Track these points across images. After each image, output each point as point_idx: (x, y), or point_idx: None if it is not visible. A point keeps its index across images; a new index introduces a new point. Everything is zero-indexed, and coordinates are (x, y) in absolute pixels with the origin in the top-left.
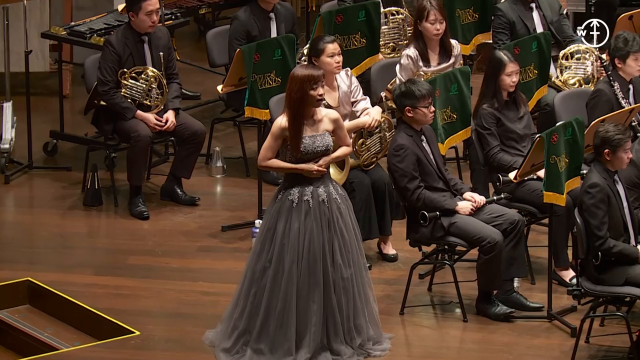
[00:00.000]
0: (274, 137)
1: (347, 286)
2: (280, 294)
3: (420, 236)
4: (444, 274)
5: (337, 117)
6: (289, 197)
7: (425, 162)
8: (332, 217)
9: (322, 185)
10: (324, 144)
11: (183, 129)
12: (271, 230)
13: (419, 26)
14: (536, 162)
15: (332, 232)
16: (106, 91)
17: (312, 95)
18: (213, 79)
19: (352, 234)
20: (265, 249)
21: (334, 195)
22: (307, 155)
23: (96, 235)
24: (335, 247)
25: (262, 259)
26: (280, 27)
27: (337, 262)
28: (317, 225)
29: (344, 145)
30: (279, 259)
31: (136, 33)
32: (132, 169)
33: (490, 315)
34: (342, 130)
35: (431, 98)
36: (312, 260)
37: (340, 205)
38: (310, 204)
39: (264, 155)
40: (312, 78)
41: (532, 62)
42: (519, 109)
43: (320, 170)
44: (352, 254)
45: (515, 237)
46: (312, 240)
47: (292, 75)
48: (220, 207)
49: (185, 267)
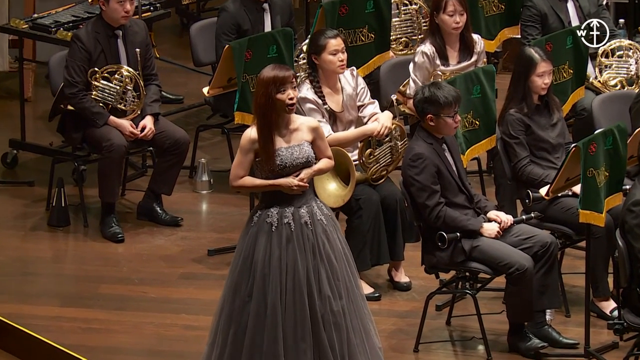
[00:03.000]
0: (243, 151)
1: (339, 321)
2: (265, 333)
3: (437, 261)
4: (464, 305)
5: (316, 126)
6: (267, 219)
7: (446, 174)
8: (317, 242)
9: (305, 204)
10: (303, 155)
11: (163, 137)
12: (249, 259)
13: (435, 18)
14: (571, 175)
15: (318, 259)
16: (74, 94)
17: (279, 99)
18: (198, 80)
19: (341, 260)
20: (244, 281)
21: (318, 216)
22: (285, 170)
23: (63, 260)
24: (322, 277)
25: (240, 292)
26: (276, 20)
27: (325, 294)
28: (301, 252)
29: (324, 157)
30: (261, 293)
31: (108, 26)
32: (104, 183)
33: (521, 351)
34: (323, 141)
35: (458, 106)
36: (298, 292)
37: (326, 227)
38: (292, 227)
39: (235, 173)
40: (278, 80)
41: (566, 61)
42: (551, 115)
43: (301, 186)
44: (344, 283)
45: (547, 262)
46: (296, 269)
47: (258, 77)
48: (206, 228)
49: (165, 297)
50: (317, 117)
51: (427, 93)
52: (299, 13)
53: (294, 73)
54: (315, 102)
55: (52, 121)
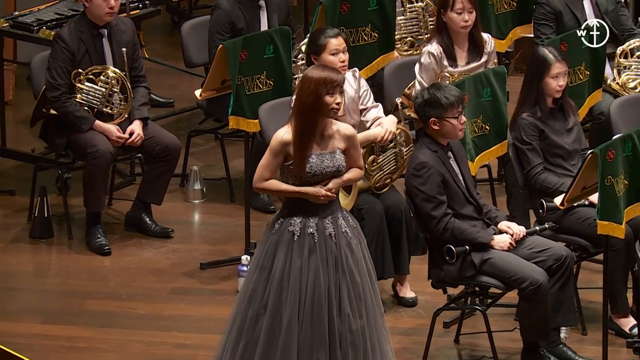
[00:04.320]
0: (274, 153)
1: (357, 341)
2: (279, 349)
3: (445, 275)
4: (474, 322)
5: (352, 134)
6: (289, 227)
7: (452, 183)
8: (340, 256)
9: (330, 215)
10: (334, 165)
11: (152, 143)
12: (266, 269)
13: (443, 17)
14: (588, 184)
15: (340, 274)
16: (57, 97)
17: (327, 102)
18: (189, 82)
19: (365, 277)
20: (259, 292)
21: (343, 228)
22: (313, 178)
23: (45, 274)
24: (343, 293)
25: (254, 303)
26: (272, 18)
27: (345, 312)
28: (323, 264)
29: (355, 167)
30: (277, 306)
31: (93, 25)
32: (90, 192)
33: None
34: (357, 150)
35: (461, 106)
36: (317, 308)
37: (351, 241)
38: (315, 238)
39: (261, 174)
40: (330, 81)
41: (583, 61)
42: (567, 119)
43: (329, 196)
44: (365, 301)
45: (562, 276)
46: (317, 283)
47: (306, 76)
48: (199, 240)
49: (155, 313)
50: None
51: (427, 96)
52: (298, 11)
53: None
54: None
55: (34, 126)
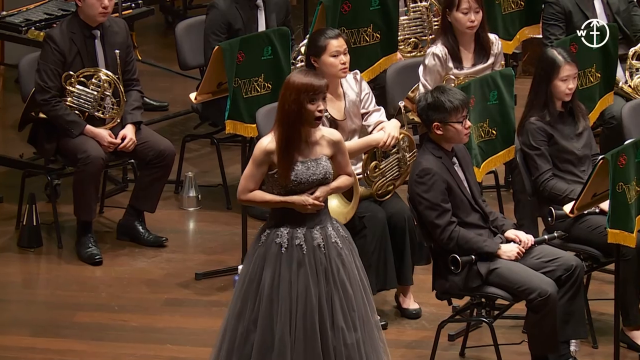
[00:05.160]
0: (257, 162)
1: (352, 355)
2: None
3: (450, 286)
4: (480, 335)
5: (338, 140)
6: (276, 239)
7: (457, 190)
8: (330, 267)
9: (318, 225)
10: (321, 172)
11: (146, 148)
12: (254, 283)
13: (448, 17)
14: (599, 191)
15: (332, 286)
16: (47, 100)
17: (309, 110)
18: (184, 85)
19: (357, 288)
20: (249, 307)
21: (333, 238)
22: (299, 186)
23: (34, 285)
24: (335, 306)
25: (244, 319)
26: (271, 18)
27: (339, 325)
28: (313, 277)
29: (344, 174)
30: (267, 321)
31: (85, 26)
32: (81, 200)
33: None
34: (344, 156)
35: (466, 110)
36: (310, 322)
37: (341, 251)
38: (304, 250)
39: (245, 186)
40: (312, 88)
41: (593, 64)
42: (576, 123)
43: (316, 205)
44: (359, 314)
45: (572, 287)
46: (308, 296)
47: (288, 82)
48: (194, 249)
49: (148, 325)
50: None
51: (430, 99)
52: (297, 10)
53: (327, 83)
54: None
55: (22, 131)
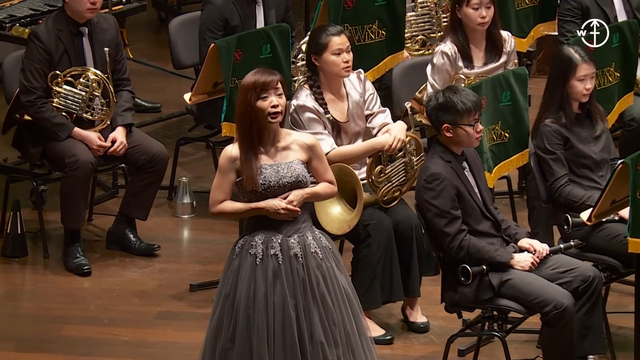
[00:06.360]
0: (223, 171)
1: None
2: None
3: (460, 298)
4: (491, 350)
5: (312, 144)
6: (251, 250)
7: (467, 197)
8: (308, 279)
9: (296, 233)
10: (292, 174)
11: (137, 152)
12: (230, 298)
13: (457, 13)
14: (618, 197)
15: (310, 298)
16: (32, 101)
17: (259, 107)
18: (178, 85)
19: (339, 301)
20: (225, 324)
21: (312, 248)
22: (270, 190)
23: (19, 297)
24: (314, 319)
25: (221, 337)
26: (269, 14)
27: (317, 340)
28: (290, 289)
29: (323, 181)
30: (245, 338)
31: (72, 22)
32: (68, 207)
33: None
34: (322, 162)
35: (479, 113)
36: (289, 336)
37: (322, 262)
38: (280, 260)
39: (214, 197)
40: (258, 85)
41: (612, 62)
42: (594, 126)
43: (290, 209)
44: (341, 329)
45: (589, 299)
46: (285, 309)
47: (240, 84)
48: (188, 259)
49: (139, 340)
50: (317, 128)
51: (442, 99)
52: (297, 6)
53: (280, 78)
54: (316, 110)
55: (6, 133)
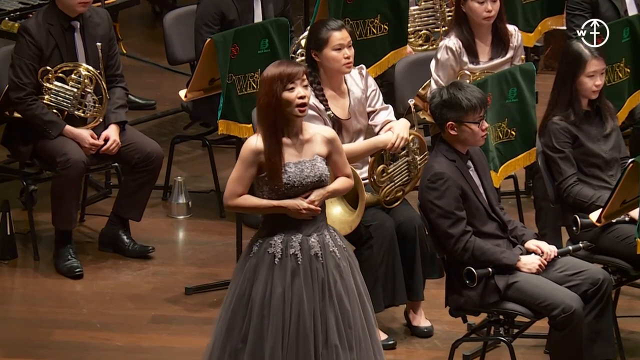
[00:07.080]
0: (246, 163)
1: None
2: None
3: (465, 302)
4: (498, 355)
5: (333, 137)
6: (269, 249)
7: (472, 197)
8: (327, 279)
9: (315, 232)
10: (315, 173)
11: (131, 150)
12: (244, 297)
13: (462, 6)
14: (628, 197)
15: (327, 300)
16: (22, 98)
17: (287, 99)
18: (173, 81)
19: (355, 304)
20: (238, 323)
21: (330, 247)
22: (292, 190)
23: (8, 300)
24: (330, 322)
25: (233, 337)
26: (268, 8)
27: (332, 343)
28: (308, 289)
29: (342, 175)
30: (258, 338)
31: (64, 17)
32: (59, 207)
33: None
34: (341, 156)
35: (484, 110)
36: (303, 340)
37: (339, 262)
38: (299, 260)
39: (232, 190)
40: (284, 76)
41: (622, 58)
42: (604, 124)
43: (311, 210)
44: (356, 332)
45: (599, 303)
46: (302, 310)
47: (261, 77)
48: (183, 261)
49: (133, 344)
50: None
51: (446, 95)
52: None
53: (306, 69)
54: (316, 107)
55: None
